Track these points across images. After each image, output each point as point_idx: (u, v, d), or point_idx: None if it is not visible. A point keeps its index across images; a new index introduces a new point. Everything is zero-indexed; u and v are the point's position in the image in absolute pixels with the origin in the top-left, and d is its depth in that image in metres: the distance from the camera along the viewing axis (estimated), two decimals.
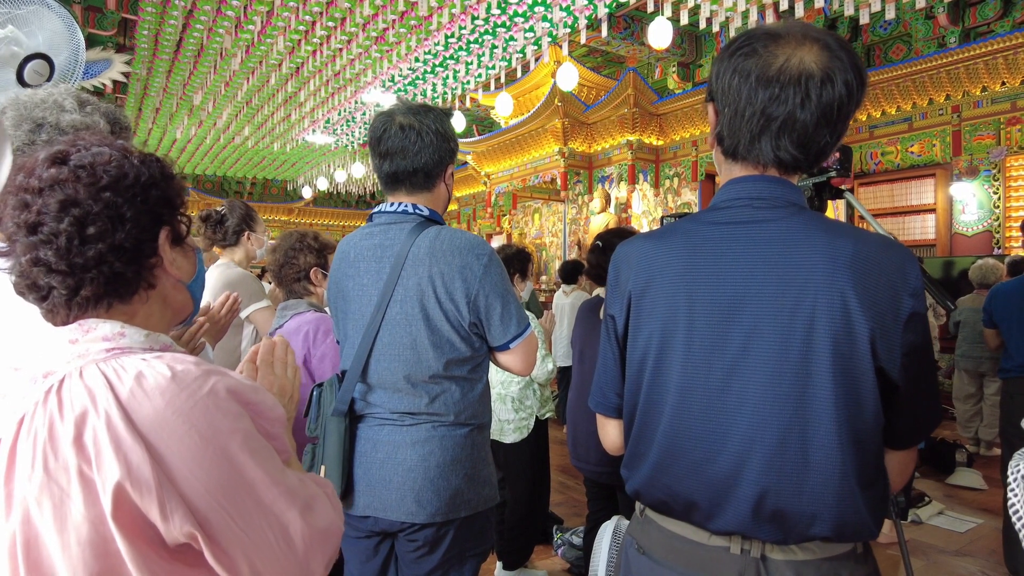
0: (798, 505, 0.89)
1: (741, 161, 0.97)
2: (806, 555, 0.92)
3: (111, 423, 0.68)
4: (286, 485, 0.77)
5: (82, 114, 1.19)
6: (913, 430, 0.96)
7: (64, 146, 0.78)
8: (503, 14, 5.80)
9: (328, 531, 0.81)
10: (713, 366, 0.93)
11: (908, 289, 0.88)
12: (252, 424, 0.76)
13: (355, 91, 7.77)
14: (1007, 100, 6.22)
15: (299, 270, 2.19)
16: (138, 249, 0.78)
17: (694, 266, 0.96)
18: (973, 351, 4.96)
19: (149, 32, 6.36)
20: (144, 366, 0.72)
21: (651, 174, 8.01)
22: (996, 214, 6.30)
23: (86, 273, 0.74)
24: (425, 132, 1.51)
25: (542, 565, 3.25)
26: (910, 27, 6.83)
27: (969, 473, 4.48)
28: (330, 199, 14.85)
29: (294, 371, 1.06)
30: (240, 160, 11.86)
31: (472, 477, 1.50)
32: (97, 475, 0.67)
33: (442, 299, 1.45)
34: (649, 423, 1.00)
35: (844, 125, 0.92)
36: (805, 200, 0.97)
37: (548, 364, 2.98)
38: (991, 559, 3.26)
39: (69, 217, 0.73)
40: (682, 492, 0.96)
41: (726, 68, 0.94)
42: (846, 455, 0.87)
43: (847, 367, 0.87)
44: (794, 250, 0.90)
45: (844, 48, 0.90)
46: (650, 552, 1.03)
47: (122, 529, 0.67)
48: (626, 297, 1.03)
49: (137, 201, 0.78)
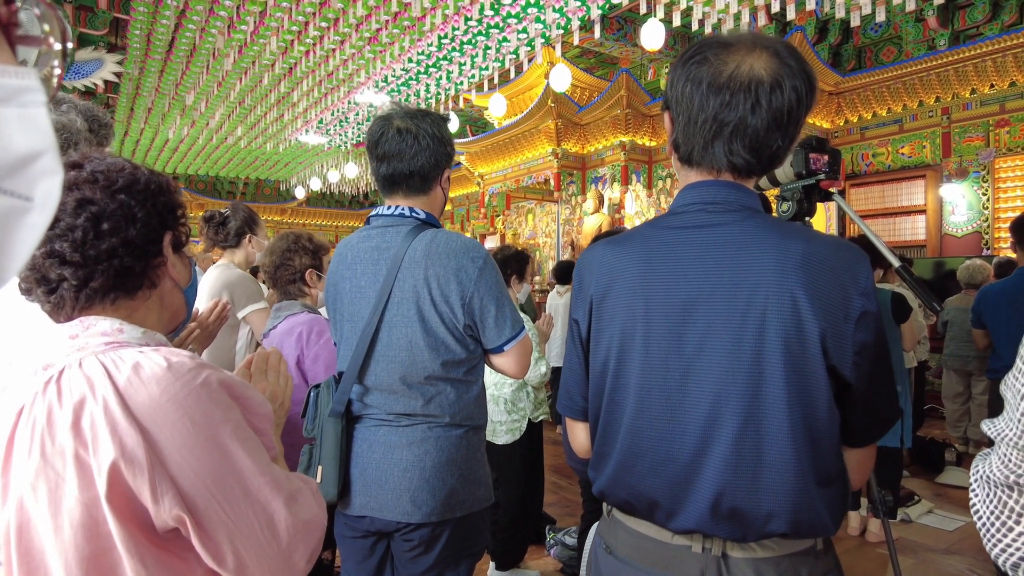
0: (754, 502, 0.90)
1: (696, 167, 1.00)
2: (766, 552, 0.93)
3: (108, 408, 0.71)
4: (272, 476, 0.80)
5: (58, 113, 1.17)
6: (868, 428, 0.98)
7: (78, 157, 0.82)
8: (496, 15, 5.81)
9: (311, 523, 0.84)
10: (670, 367, 0.95)
11: (858, 289, 0.90)
12: (242, 416, 0.80)
13: (348, 91, 7.76)
14: (996, 102, 6.29)
15: (294, 271, 2.19)
16: (146, 247, 0.83)
17: (651, 270, 0.98)
18: (960, 350, 5.01)
19: (141, 32, 6.33)
20: (141, 357, 0.75)
21: (644, 175, 8.04)
22: (985, 215, 6.37)
23: (98, 265, 0.78)
24: (422, 136, 1.53)
25: (535, 565, 3.27)
26: (901, 29, 6.89)
27: (958, 472, 4.53)
28: (323, 199, 14.81)
29: (286, 380, 1.10)
30: (233, 160, 11.81)
31: (467, 478, 1.51)
32: (93, 458, 0.70)
33: (437, 301, 1.47)
34: (612, 424, 1.03)
35: (796, 129, 0.95)
36: (760, 203, 1.00)
37: (541, 367, 2.98)
38: (979, 557, 3.29)
39: (86, 213, 0.77)
40: (644, 491, 0.98)
41: (679, 76, 0.97)
42: (800, 452, 0.89)
43: (799, 366, 0.89)
44: (745, 252, 0.93)
45: (793, 55, 0.93)
46: (616, 552, 1.05)
47: (115, 510, 0.70)
48: (588, 302, 1.05)
49: (148, 204, 0.83)
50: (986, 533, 0.77)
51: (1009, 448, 0.71)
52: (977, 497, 0.79)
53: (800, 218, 1.67)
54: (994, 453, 0.75)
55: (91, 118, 1.22)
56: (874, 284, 0.92)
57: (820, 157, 1.63)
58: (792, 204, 1.67)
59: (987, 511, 0.76)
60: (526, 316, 2.92)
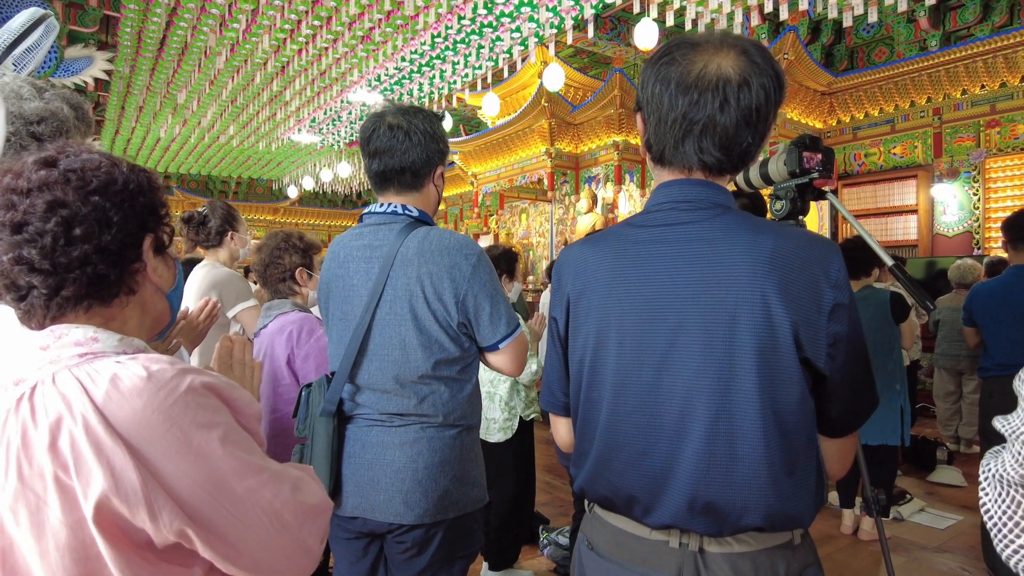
0: (728, 496, 0.92)
1: (668, 166, 1.01)
2: (742, 547, 0.94)
3: (89, 427, 0.67)
4: (271, 470, 0.78)
5: (43, 101, 1.14)
6: (846, 418, 0.99)
7: (53, 151, 0.78)
8: (490, 14, 5.79)
9: (318, 507, 0.83)
10: (644, 363, 0.96)
11: (830, 282, 0.91)
12: (232, 417, 0.77)
13: (341, 90, 7.73)
14: (986, 103, 6.33)
15: (284, 270, 2.18)
16: (122, 253, 0.78)
17: (624, 268, 1.00)
18: (952, 349, 5.04)
19: (132, 29, 6.29)
20: (118, 368, 0.71)
21: (637, 175, 8.04)
22: (976, 215, 6.40)
23: (69, 273, 0.74)
24: (413, 132, 1.52)
25: (528, 565, 3.26)
26: (892, 30, 6.93)
27: (949, 470, 4.55)
28: (316, 199, 14.76)
29: (251, 371, 1.07)
30: (225, 159, 11.75)
31: (461, 478, 1.50)
32: (76, 481, 0.66)
33: (430, 299, 1.46)
34: (590, 421, 1.04)
35: (766, 127, 0.96)
36: (732, 200, 1.01)
37: (533, 365, 2.98)
38: (970, 555, 3.31)
39: (56, 217, 0.73)
40: (622, 487, 0.99)
41: (649, 77, 0.98)
42: (772, 446, 0.90)
43: (770, 360, 0.90)
44: (716, 248, 0.94)
45: (761, 53, 0.94)
46: (598, 548, 1.06)
47: (104, 533, 0.67)
48: (565, 300, 1.08)
49: (125, 206, 0.78)
50: (997, 533, 0.76)
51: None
52: (988, 496, 0.78)
53: (794, 216, 1.67)
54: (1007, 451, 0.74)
55: (75, 105, 1.19)
56: (847, 277, 0.94)
57: (813, 156, 1.63)
58: (786, 203, 1.67)
59: (999, 510, 0.75)
60: (518, 315, 2.92)
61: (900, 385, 3.35)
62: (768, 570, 0.94)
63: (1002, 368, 3.01)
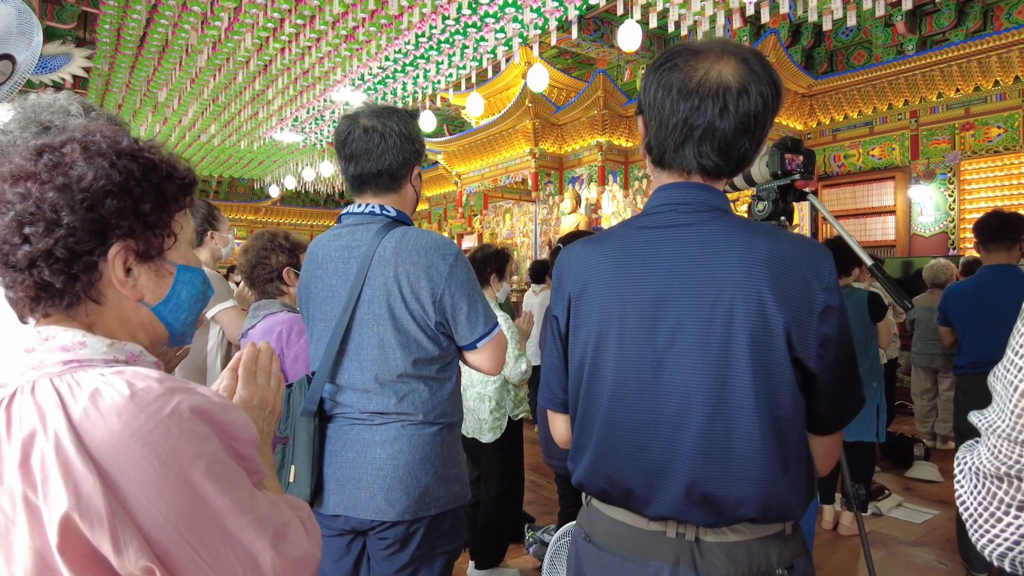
0: (725, 489, 0.95)
1: (668, 169, 1.04)
2: (737, 536, 0.97)
3: (60, 446, 0.62)
4: (255, 513, 0.71)
5: (88, 119, 1.17)
6: (833, 416, 1.03)
7: (48, 140, 0.74)
8: (474, 14, 5.80)
9: (303, 561, 0.75)
10: (644, 360, 0.99)
11: (822, 284, 0.95)
12: (220, 446, 0.70)
13: (324, 89, 7.69)
14: (961, 106, 6.45)
15: (271, 270, 2.17)
16: (71, 260, 0.70)
17: (624, 268, 1.03)
18: (927, 348, 5.13)
19: (111, 26, 6.20)
20: (101, 382, 0.66)
21: (620, 175, 8.09)
22: (951, 216, 6.53)
23: (17, 274, 0.70)
24: (389, 134, 1.53)
25: (514, 563, 3.27)
26: (871, 34, 7.04)
27: (926, 466, 4.64)
28: (298, 198, 14.65)
29: (278, 381, 0.97)
30: (206, 158, 11.63)
31: (442, 475, 1.51)
32: (44, 503, 0.62)
33: (408, 299, 1.46)
34: (589, 415, 1.07)
35: (763, 133, 0.99)
36: (728, 204, 1.04)
37: (522, 364, 2.98)
38: (946, 549, 3.37)
39: (12, 212, 0.69)
40: (620, 480, 1.02)
41: (651, 82, 1.01)
42: (767, 441, 0.94)
43: (765, 358, 0.93)
44: (713, 250, 0.97)
45: (760, 62, 0.97)
46: (595, 540, 1.08)
47: (69, 562, 0.62)
48: (567, 299, 1.10)
49: (82, 208, 0.70)
50: (973, 523, 0.79)
51: (1000, 440, 0.73)
52: (963, 488, 0.80)
53: (775, 217, 1.69)
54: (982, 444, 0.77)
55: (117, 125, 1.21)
56: (837, 280, 0.97)
57: (795, 157, 1.66)
58: (768, 204, 1.70)
59: (974, 502, 0.78)
60: (505, 314, 2.93)
61: (877, 383, 3.41)
62: (762, 558, 0.97)
63: (976, 365, 3.07)
